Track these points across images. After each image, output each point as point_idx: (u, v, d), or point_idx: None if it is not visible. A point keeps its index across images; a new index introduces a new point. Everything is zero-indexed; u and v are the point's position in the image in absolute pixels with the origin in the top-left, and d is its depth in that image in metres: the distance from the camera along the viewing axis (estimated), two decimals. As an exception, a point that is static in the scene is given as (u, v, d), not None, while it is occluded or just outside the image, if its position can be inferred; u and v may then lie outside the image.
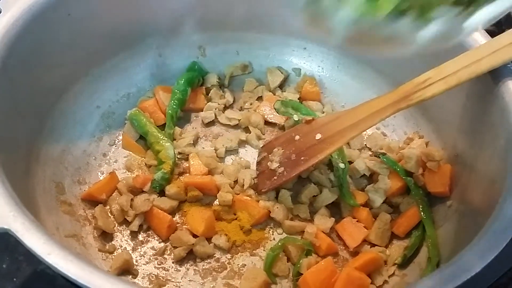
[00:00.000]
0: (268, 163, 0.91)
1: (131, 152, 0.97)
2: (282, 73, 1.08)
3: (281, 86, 1.08)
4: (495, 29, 1.17)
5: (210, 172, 0.94)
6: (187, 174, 0.94)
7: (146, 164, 0.95)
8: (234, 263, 0.86)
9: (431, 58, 0.80)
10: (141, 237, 0.87)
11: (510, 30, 0.75)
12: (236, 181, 0.93)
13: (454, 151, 0.88)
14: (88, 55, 0.93)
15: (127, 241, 0.86)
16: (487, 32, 0.84)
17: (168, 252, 0.86)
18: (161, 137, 0.94)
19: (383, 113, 0.81)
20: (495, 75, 0.77)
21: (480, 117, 0.80)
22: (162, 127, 0.98)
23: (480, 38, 0.82)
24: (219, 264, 0.85)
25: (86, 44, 0.91)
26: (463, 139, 0.85)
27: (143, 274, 0.83)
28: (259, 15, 1.04)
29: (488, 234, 0.61)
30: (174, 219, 0.89)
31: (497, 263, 0.80)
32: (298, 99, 1.06)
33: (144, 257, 0.85)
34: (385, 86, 0.98)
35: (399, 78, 0.83)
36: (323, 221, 0.88)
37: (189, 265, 0.85)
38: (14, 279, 0.81)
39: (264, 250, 0.87)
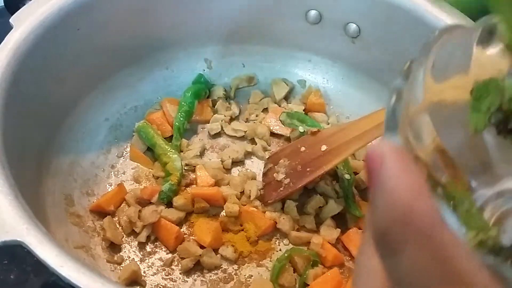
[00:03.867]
0: (274, 174, 0.92)
1: (139, 164, 0.98)
2: (287, 85, 1.10)
3: (286, 97, 1.10)
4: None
5: (217, 184, 0.95)
6: (194, 186, 0.95)
7: (153, 176, 0.96)
8: (241, 274, 0.86)
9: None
10: (148, 248, 0.88)
11: None
12: (242, 192, 0.94)
13: (458, 162, 0.89)
14: (97, 69, 0.94)
15: (135, 252, 0.87)
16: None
17: (176, 263, 0.87)
18: (169, 149, 0.95)
19: (388, 124, 0.82)
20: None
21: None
22: (169, 139, 1.00)
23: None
24: (226, 275, 0.86)
25: (94, 58, 0.93)
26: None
27: (151, 285, 0.84)
28: (265, 28, 1.06)
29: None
30: (181, 230, 0.90)
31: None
32: (303, 110, 1.07)
33: (152, 268, 0.86)
34: (390, 97, 0.99)
35: (404, 90, 0.84)
36: (329, 232, 0.89)
37: (197, 276, 0.86)
38: (23, 290, 0.82)
39: (270, 261, 0.88)
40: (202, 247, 0.87)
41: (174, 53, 1.05)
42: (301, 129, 1.00)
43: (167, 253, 0.88)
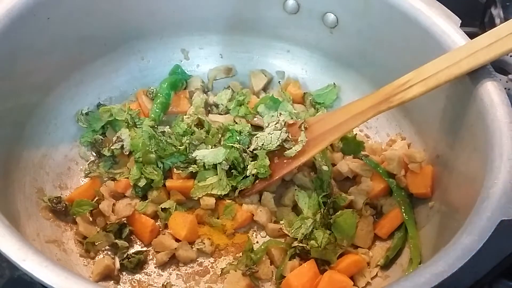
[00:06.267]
0: (251, 167, 0.91)
1: (113, 157, 0.96)
2: (265, 76, 1.08)
3: (265, 88, 1.08)
4: (477, 30, 1.18)
5: (193, 176, 0.93)
6: (170, 178, 0.93)
7: (128, 168, 0.94)
8: (217, 266, 0.85)
9: (412, 60, 0.81)
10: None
11: (487, 32, 0.76)
12: (219, 185, 0.92)
13: (435, 152, 0.89)
14: (69, 60, 0.92)
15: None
16: (468, 34, 0.84)
17: (151, 257, 0.85)
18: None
19: (364, 115, 0.82)
20: (474, 76, 0.77)
21: (459, 118, 0.80)
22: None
23: (459, 39, 0.83)
24: (202, 268, 0.85)
25: (66, 48, 0.90)
26: (443, 140, 0.86)
27: (125, 279, 0.82)
28: (242, 18, 1.04)
29: (465, 234, 0.61)
30: (156, 223, 0.88)
31: (481, 262, 0.81)
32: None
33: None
34: (367, 88, 0.98)
35: (381, 80, 0.84)
36: (306, 223, 0.88)
37: (172, 270, 0.84)
38: (-4, 286, 0.80)
39: (247, 253, 0.87)
40: (177, 240, 0.85)
41: (150, 43, 1.03)
42: (279, 120, 0.99)
43: (142, 247, 0.86)
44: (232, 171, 0.89)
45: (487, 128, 0.72)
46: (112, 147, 0.92)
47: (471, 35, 0.83)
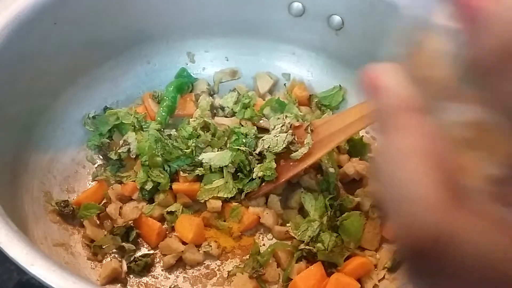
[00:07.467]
0: (258, 169, 0.91)
1: (120, 160, 0.97)
2: (271, 78, 1.08)
3: (271, 91, 1.09)
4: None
5: (200, 179, 0.93)
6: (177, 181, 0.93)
7: (135, 172, 0.95)
8: (224, 269, 0.85)
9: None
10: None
11: None
12: (226, 187, 0.93)
13: (442, 153, 0.88)
14: (75, 64, 0.93)
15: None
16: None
17: (158, 259, 0.86)
18: (150, 144, 0.94)
19: (370, 117, 0.81)
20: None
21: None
22: (151, 134, 0.98)
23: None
24: (209, 271, 0.85)
25: (73, 52, 0.91)
26: (450, 142, 0.85)
27: (132, 282, 0.83)
28: (248, 21, 1.05)
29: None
30: (163, 226, 0.88)
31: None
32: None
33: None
34: (374, 90, 0.98)
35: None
36: (313, 226, 0.88)
37: (179, 273, 0.85)
38: (4, 290, 0.81)
39: (254, 256, 0.87)
40: (184, 243, 0.86)
41: (156, 47, 1.03)
42: (285, 122, 0.99)
43: (148, 250, 0.87)
44: (238, 173, 0.90)
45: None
46: (119, 151, 0.92)
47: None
